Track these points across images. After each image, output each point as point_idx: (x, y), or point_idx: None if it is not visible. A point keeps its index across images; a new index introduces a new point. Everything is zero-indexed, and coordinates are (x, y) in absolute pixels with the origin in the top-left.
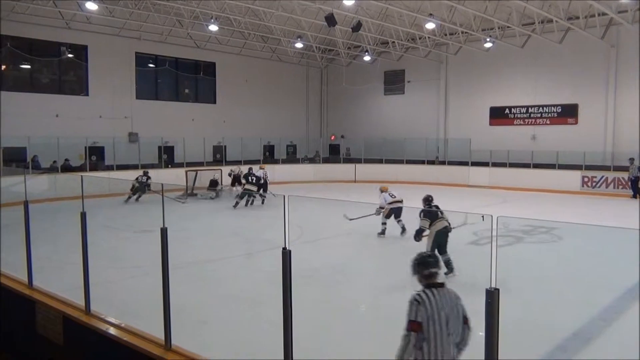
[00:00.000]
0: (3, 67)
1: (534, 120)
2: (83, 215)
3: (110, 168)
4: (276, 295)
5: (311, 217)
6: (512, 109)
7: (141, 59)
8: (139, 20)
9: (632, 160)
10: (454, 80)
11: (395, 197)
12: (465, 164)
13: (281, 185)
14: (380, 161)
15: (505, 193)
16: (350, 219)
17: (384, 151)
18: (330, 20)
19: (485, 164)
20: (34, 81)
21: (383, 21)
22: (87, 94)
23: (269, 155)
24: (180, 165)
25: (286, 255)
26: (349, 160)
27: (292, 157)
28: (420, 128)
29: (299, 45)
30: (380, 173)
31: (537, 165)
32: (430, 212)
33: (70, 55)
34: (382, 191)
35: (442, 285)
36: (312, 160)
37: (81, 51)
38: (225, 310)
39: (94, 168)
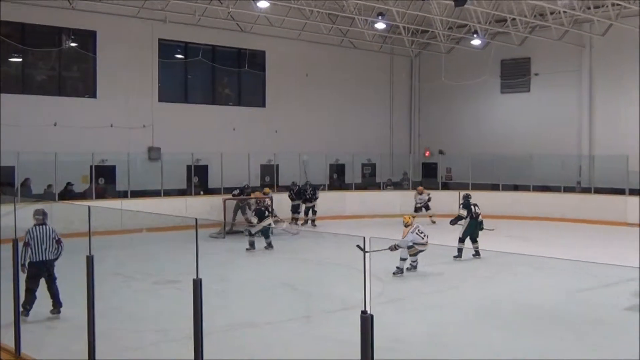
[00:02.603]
0: None
1: None
2: (90, 260)
3: (123, 195)
4: None
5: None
6: None
7: (166, 48)
8: None
9: None
10: (602, 72)
11: (423, 234)
12: (620, 192)
13: (354, 219)
14: (494, 187)
15: None
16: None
17: (501, 173)
18: None
19: None
20: (26, 79)
21: None
22: (94, 96)
23: (337, 179)
24: (216, 191)
25: (367, 321)
26: (450, 185)
27: (369, 180)
28: (553, 140)
29: (380, 25)
30: (495, 204)
31: None
32: (467, 205)
33: (73, 45)
34: (405, 225)
35: None
36: (397, 186)
37: (88, 39)
38: None
39: (101, 195)
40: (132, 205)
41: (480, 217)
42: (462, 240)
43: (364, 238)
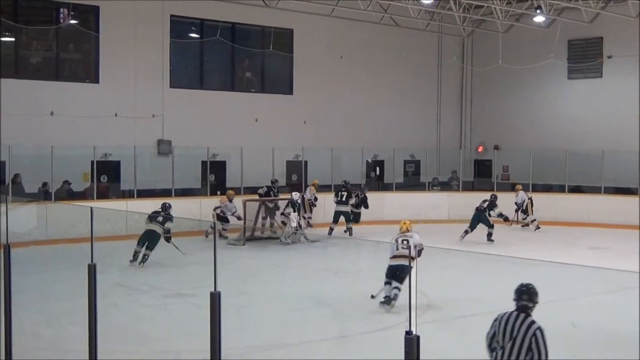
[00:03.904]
0: None
1: None
2: (91, 269)
3: (128, 195)
4: None
5: (445, 281)
6: None
7: (179, 26)
8: None
9: None
10: None
11: (405, 245)
12: None
13: (394, 225)
14: (560, 189)
15: None
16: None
17: (568, 173)
18: None
19: None
20: (19, 61)
21: None
22: (96, 81)
23: (375, 177)
24: (236, 191)
25: (412, 343)
26: (506, 186)
27: (412, 180)
28: (630, 134)
29: (426, 0)
30: (560, 207)
31: None
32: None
33: (73, 22)
34: (401, 231)
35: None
36: (445, 186)
37: (89, 15)
38: None
39: (104, 194)
40: (139, 206)
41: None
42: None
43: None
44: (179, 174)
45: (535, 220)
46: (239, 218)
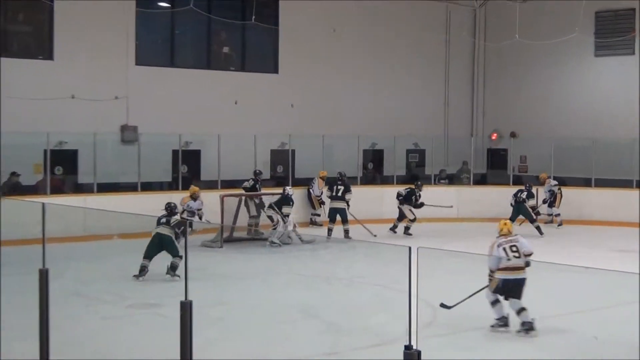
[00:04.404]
0: None
1: None
2: (43, 275)
3: (87, 189)
4: None
5: (455, 289)
6: None
7: None
8: None
9: None
10: None
11: (517, 254)
12: None
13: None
14: (585, 182)
15: None
16: (449, 307)
17: (595, 164)
18: None
19: None
20: None
21: None
22: (50, 57)
23: (373, 169)
24: (212, 184)
25: (412, 359)
26: (523, 179)
27: (416, 172)
28: None
29: None
30: (585, 203)
31: None
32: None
33: None
34: (500, 234)
35: None
36: (454, 180)
37: None
38: None
39: (59, 189)
40: (100, 203)
41: None
42: None
43: (409, 248)
44: (146, 165)
45: (559, 214)
46: (203, 220)
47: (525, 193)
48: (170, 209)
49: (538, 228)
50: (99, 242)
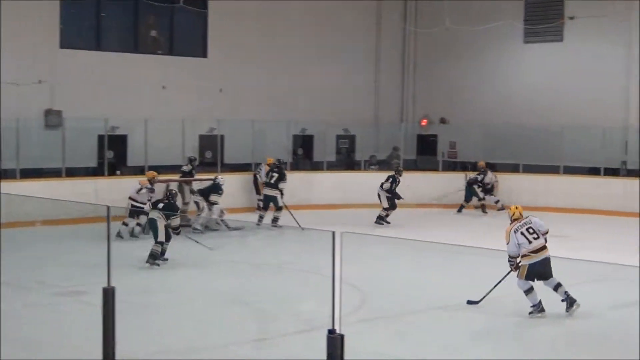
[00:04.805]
0: None
1: None
2: None
3: (9, 175)
4: None
5: (379, 274)
6: None
7: None
8: None
9: None
10: None
11: (535, 235)
12: None
13: (325, 210)
14: (514, 168)
15: None
16: (477, 302)
17: (523, 151)
18: None
19: None
20: None
21: None
22: None
23: (303, 155)
24: (139, 170)
25: (335, 342)
26: (454, 165)
27: (346, 158)
28: (593, 107)
29: None
30: (515, 189)
31: None
32: None
33: None
34: (513, 218)
35: None
36: (384, 165)
37: None
38: None
39: None
40: (22, 188)
41: None
42: None
43: (333, 233)
44: (70, 150)
45: (499, 200)
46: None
47: (481, 176)
48: (171, 195)
49: (483, 207)
50: (21, 229)
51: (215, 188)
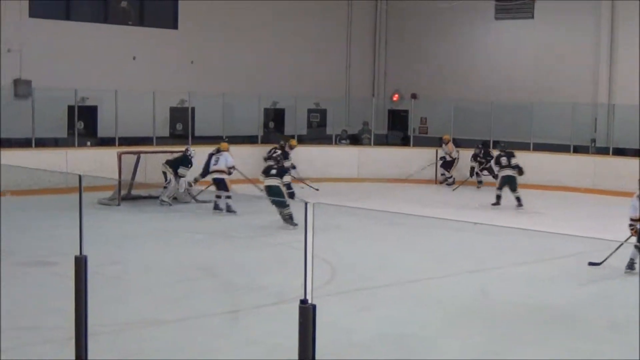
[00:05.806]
0: None
1: None
2: None
3: None
4: None
5: (351, 247)
6: None
7: None
8: None
9: None
10: None
11: None
12: None
13: (295, 183)
14: (485, 145)
15: None
16: (599, 264)
17: (493, 127)
18: None
19: None
20: None
21: None
22: None
23: (274, 129)
24: (109, 141)
25: (307, 313)
26: (425, 140)
27: (317, 132)
28: (562, 83)
29: None
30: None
31: None
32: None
33: None
34: None
35: None
36: (355, 140)
37: None
38: None
39: None
40: None
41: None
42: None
43: (305, 204)
44: (40, 120)
45: (452, 176)
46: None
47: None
48: (277, 159)
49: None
50: None
51: (185, 161)
